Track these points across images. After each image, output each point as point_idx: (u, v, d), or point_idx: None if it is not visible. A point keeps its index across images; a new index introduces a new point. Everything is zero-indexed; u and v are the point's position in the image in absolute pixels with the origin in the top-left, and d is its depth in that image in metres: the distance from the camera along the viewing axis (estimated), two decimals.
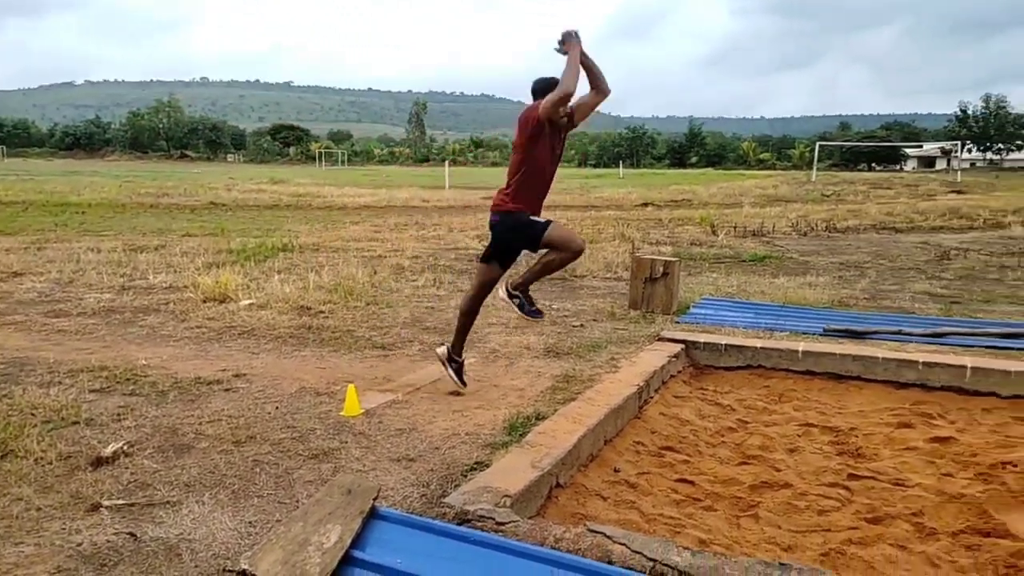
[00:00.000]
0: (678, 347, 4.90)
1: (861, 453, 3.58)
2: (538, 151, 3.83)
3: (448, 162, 40.47)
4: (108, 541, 2.31)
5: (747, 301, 6.79)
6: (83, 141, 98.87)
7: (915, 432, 3.81)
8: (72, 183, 26.71)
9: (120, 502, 2.58)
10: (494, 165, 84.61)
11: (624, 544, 2.28)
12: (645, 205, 21.33)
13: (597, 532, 2.35)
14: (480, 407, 3.73)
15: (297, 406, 3.67)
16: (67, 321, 5.59)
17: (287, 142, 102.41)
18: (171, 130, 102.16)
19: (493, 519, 2.42)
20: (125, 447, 3.04)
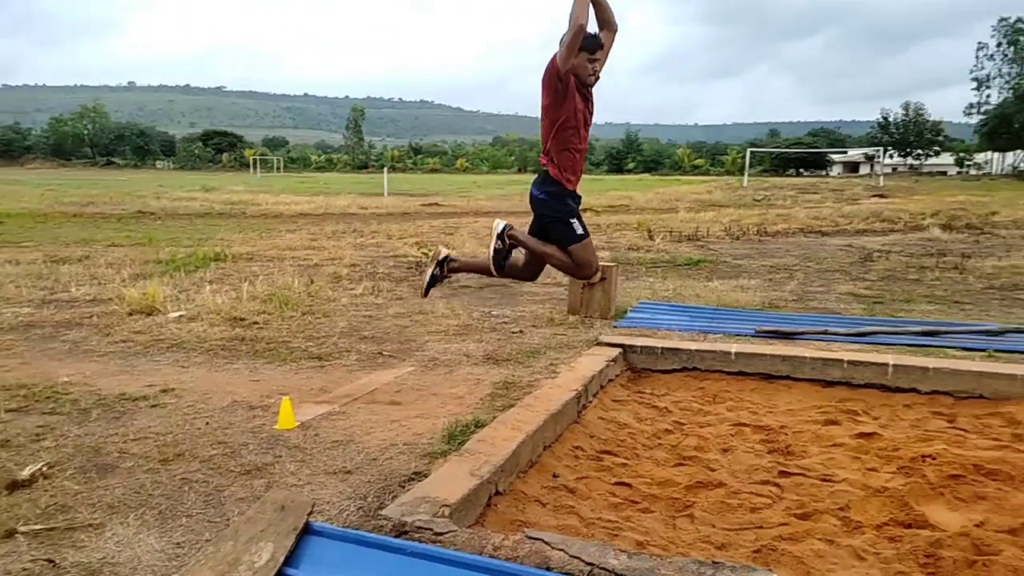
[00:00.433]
0: (616, 351, 4.96)
1: (791, 451, 3.69)
2: (569, 110, 3.47)
3: (387, 169, 40.12)
4: (24, 569, 2.20)
5: (683, 304, 6.93)
6: (1, 148, 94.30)
7: (841, 429, 3.95)
8: None
9: (38, 527, 2.46)
10: (433, 172, 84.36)
11: (562, 550, 2.29)
12: (584, 211, 21.56)
13: (535, 539, 2.35)
14: (419, 416, 3.70)
15: (229, 421, 3.57)
16: None
17: (220, 148, 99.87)
18: (96, 136, 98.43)
19: (431, 530, 2.40)
20: (44, 469, 2.90)
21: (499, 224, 3.84)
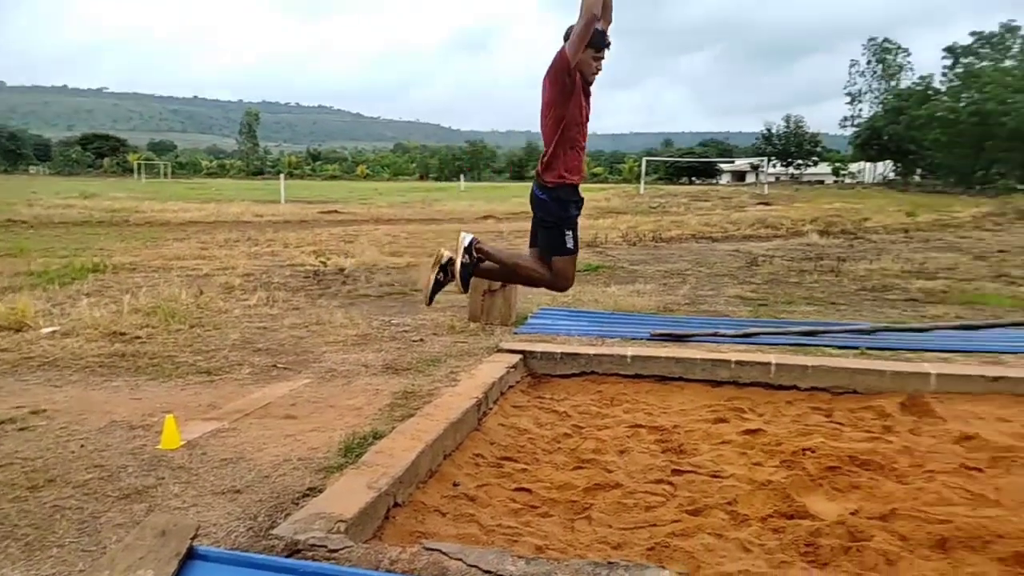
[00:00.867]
0: (516, 358, 5.00)
1: (683, 449, 3.82)
2: (574, 107, 3.34)
3: (284, 175, 38.94)
4: None
5: (581, 310, 7.07)
6: None
7: (729, 426, 4.12)
8: None
9: None
10: (333, 178, 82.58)
11: (460, 559, 2.28)
12: (486, 218, 21.68)
13: (433, 550, 2.33)
14: (315, 430, 3.59)
15: (106, 442, 3.35)
16: None
17: (100, 153, 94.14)
18: None
19: (325, 547, 2.33)
20: None
21: (465, 237, 3.61)
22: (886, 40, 66.05)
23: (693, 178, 76.97)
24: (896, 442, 3.79)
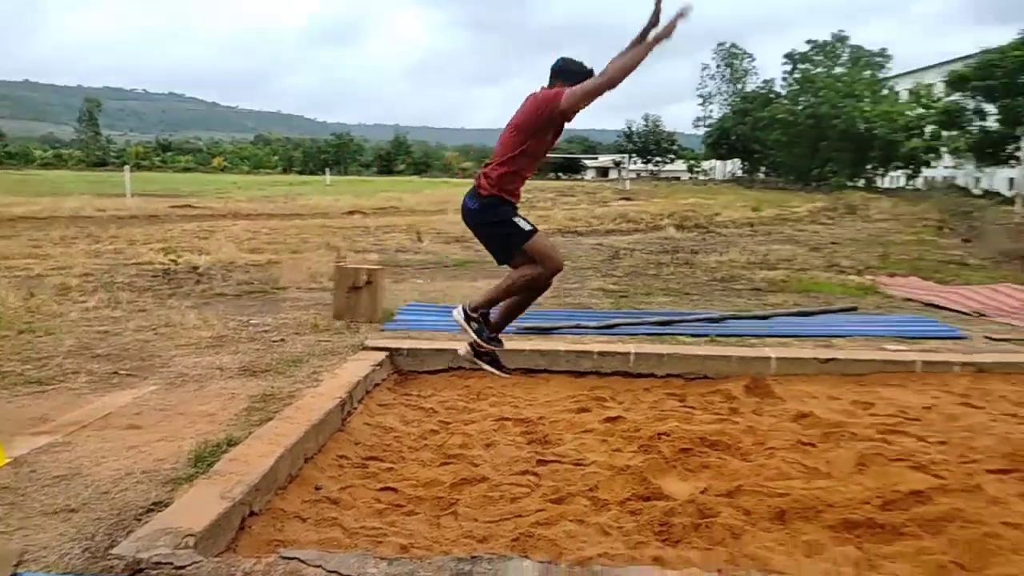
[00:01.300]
0: (382, 355, 4.92)
1: (548, 440, 3.90)
2: (538, 142, 3.43)
3: (129, 167, 36.23)
4: None
5: (450, 305, 7.03)
6: None
7: (592, 415, 4.26)
8: None
9: None
10: (187, 171, 77.82)
11: (319, 566, 2.21)
12: (352, 213, 21.19)
13: (291, 558, 2.25)
14: (161, 440, 3.36)
15: None
16: None
17: None
18: None
19: (171, 564, 2.19)
20: None
21: (458, 312, 3.60)
22: (733, 45, 70.58)
23: (559, 174, 78.93)
24: (741, 422, 4.06)
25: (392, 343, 5.19)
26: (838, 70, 46.66)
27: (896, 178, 47.85)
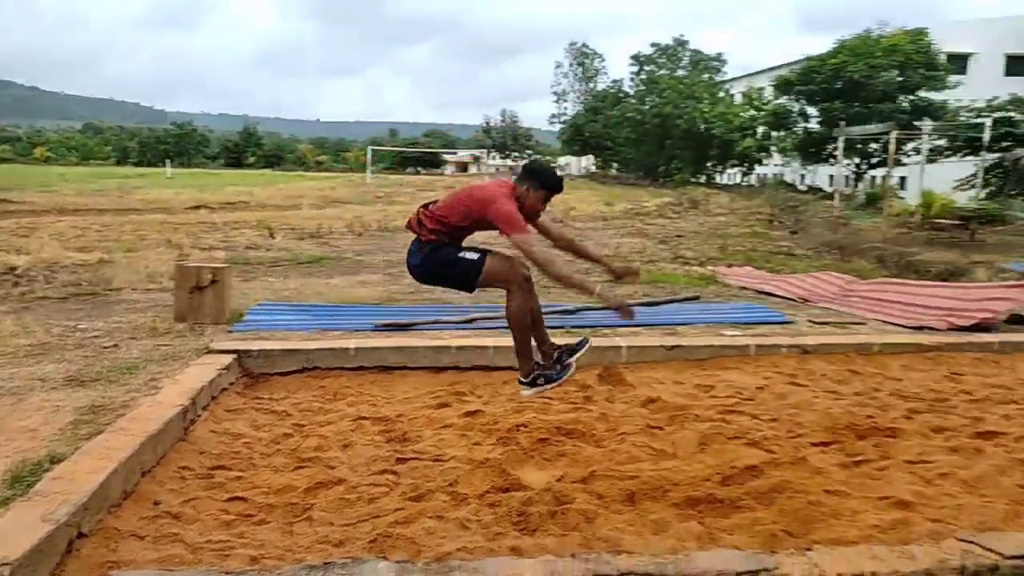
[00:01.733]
0: (229, 358, 4.66)
1: (407, 437, 3.86)
2: (482, 229, 3.42)
3: None
4: None
5: (304, 303, 6.82)
6: None
7: (451, 410, 4.26)
8: None
9: None
10: (3, 161, 70.08)
11: None
12: (197, 207, 19.96)
13: None
14: None
15: None
16: None
17: None
18: None
19: None
20: None
21: (526, 392, 3.54)
22: (584, 45, 72.82)
23: (419, 168, 78.41)
24: (595, 410, 4.21)
25: (240, 345, 4.94)
26: (680, 72, 49.42)
27: (733, 175, 51.51)
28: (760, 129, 43.03)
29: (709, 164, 48.32)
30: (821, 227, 17.17)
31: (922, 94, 31.28)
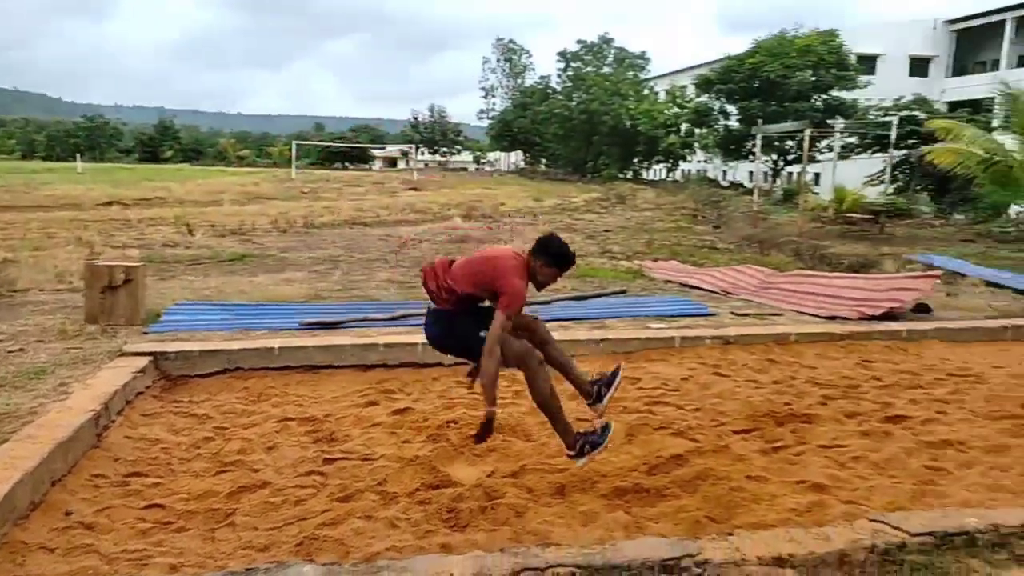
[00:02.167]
0: (145, 360, 4.48)
1: (335, 437, 3.79)
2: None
3: None
4: None
5: (225, 302, 6.61)
6: None
7: (380, 408, 4.20)
8: None
9: None
10: None
11: None
12: (110, 204, 19.08)
13: None
14: None
15: None
16: None
17: None
18: None
19: None
20: None
21: (579, 463, 3.20)
22: (511, 41, 73.01)
23: (346, 163, 77.06)
24: (525, 405, 4.21)
25: (157, 346, 4.75)
26: (606, 70, 50.13)
27: (659, 171, 52.61)
28: (683, 126, 44.06)
29: (635, 160, 49.23)
30: (742, 222, 17.74)
31: (834, 93, 32.61)
